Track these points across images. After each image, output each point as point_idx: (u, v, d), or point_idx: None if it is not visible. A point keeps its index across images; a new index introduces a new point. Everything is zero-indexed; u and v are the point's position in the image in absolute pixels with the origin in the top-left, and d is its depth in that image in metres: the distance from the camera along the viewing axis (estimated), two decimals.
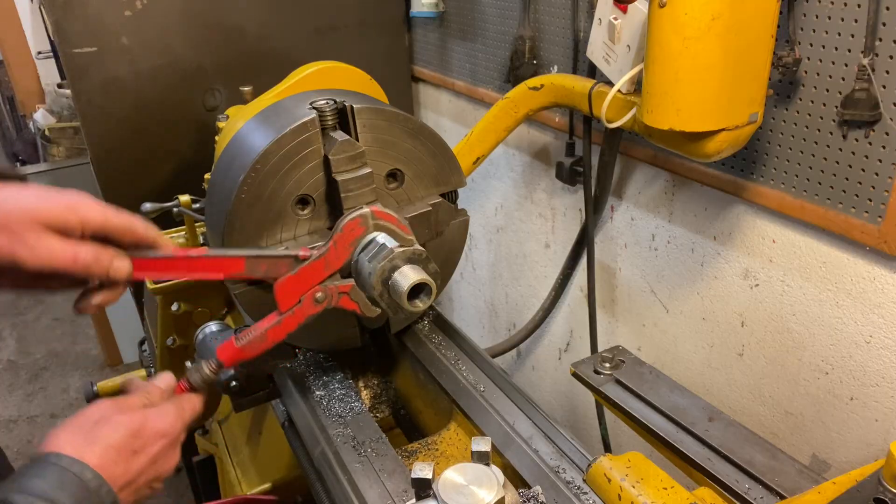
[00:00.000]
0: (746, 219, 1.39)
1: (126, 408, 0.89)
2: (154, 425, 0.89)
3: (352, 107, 1.12)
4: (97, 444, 0.82)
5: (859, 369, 1.24)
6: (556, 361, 2.16)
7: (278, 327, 1.01)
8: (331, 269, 1.01)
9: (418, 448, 1.20)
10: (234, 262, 0.96)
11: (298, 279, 0.99)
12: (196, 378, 1.00)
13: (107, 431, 0.84)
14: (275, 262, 0.98)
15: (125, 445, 0.84)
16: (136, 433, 0.86)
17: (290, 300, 1.00)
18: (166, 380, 0.98)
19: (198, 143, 2.07)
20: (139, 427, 0.87)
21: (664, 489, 0.93)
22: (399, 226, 1.05)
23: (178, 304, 1.76)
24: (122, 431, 0.85)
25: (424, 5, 2.18)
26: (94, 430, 0.84)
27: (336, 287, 1.02)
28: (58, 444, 0.81)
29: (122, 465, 0.83)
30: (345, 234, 1.01)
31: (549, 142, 1.93)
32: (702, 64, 1.08)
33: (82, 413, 0.86)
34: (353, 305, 1.04)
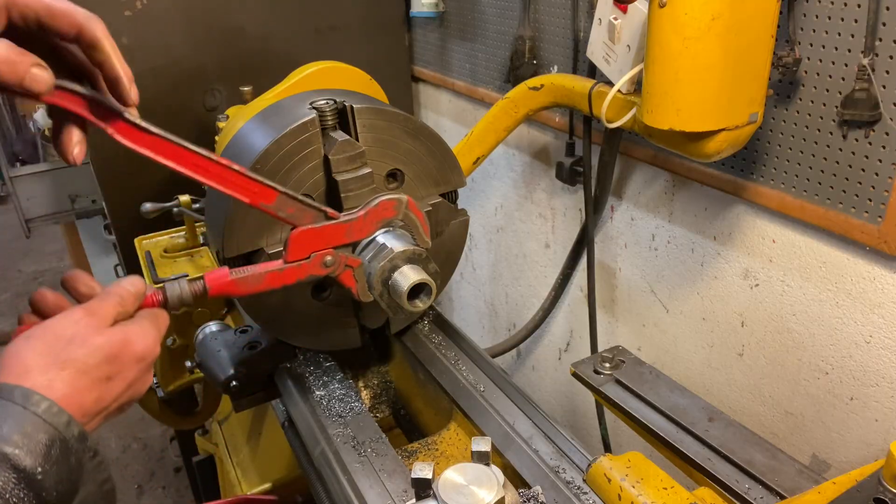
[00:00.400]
0: (746, 219, 1.39)
1: (101, 322, 0.78)
2: (135, 349, 0.79)
3: (352, 107, 1.12)
4: (68, 367, 0.73)
5: (859, 369, 1.24)
6: (556, 361, 2.16)
7: (278, 274, 0.97)
8: (351, 238, 1.00)
9: (418, 448, 1.20)
10: (268, 192, 0.92)
11: (318, 234, 0.97)
12: (174, 294, 0.90)
13: (80, 355, 0.74)
14: (303, 210, 0.96)
15: (100, 372, 0.75)
16: (113, 358, 0.76)
17: (302, 252, 0.97)
18: (136, 283, 0.85)
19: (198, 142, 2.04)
20: (118, 352, 0.77)
21: (664, 489, 0.93)
22: (423, 224, 1.05)
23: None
24: (99, 357, 0.75)
25: (424, 5, 2.18)
26: (67, 351, 0.74)
27: (346, 257, 1.01)
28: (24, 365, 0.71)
29: (94, 391, 0.74)
30: (377, 210, 1.01)
31: (549, 142, 1.93)
32: (702, 64, 1.08)
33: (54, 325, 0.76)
34: (351, 282, 1.02)
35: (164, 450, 3.32)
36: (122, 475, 3.21)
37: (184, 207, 1.73)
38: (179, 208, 1.73)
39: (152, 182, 2.06)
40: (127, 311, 0.82)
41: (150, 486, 3.15)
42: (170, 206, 1.73)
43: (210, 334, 1.36)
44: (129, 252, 1.97)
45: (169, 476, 3.19)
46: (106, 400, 0.76)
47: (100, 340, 0.76)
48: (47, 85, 0.74)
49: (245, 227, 1.10)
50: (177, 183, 2.00)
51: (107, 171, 2.02)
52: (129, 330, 0.80)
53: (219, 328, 1.39)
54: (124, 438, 3.42)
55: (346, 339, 1.29)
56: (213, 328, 1.40)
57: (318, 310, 1.22)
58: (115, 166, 2.02)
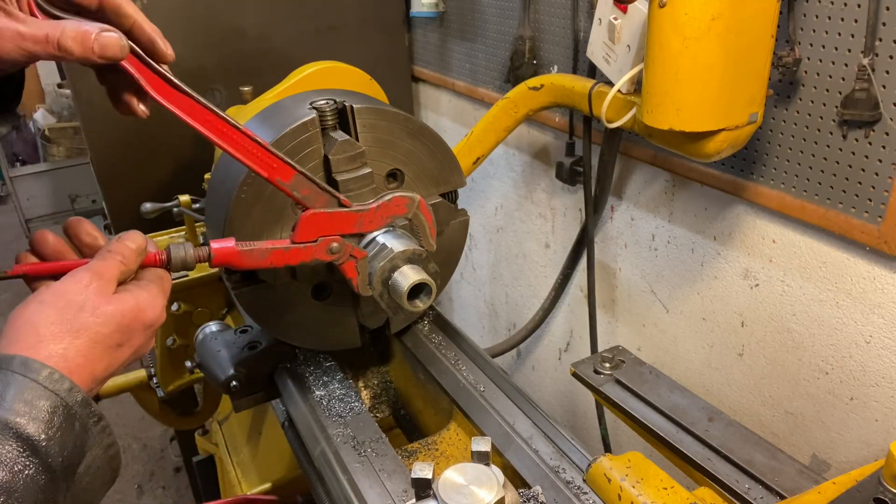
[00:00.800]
0: (746, 219, 1.39)
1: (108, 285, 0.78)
2: (146, 316, 0.80)
3: (352, 107, 1.12)
4: (81, 336, 0.73)
5: (859, 369, 1.24)
6: (556, 361, 2.16)
7: (283, 253, 0.97)
8: (360, 228, 1.01)
9: (418, 448, 1.20)
10: (286, 170, 0.93)
11: (328, 218, 0.98)
12: (178, 255, 0.90)
13: (93, 324, 0.75)
14: (318, 193, 0.96)
15: (112, 340, 0.76)
16: (125, 327, 0.77)
17: (310, 234, 0.98)
18: (137, 240, 0.85)
19: (198, 143, 2.07)
20: (130, 321, 0.78)
21: (664, 489, 0.93)
22: (431, 227, 1.05)
23: (178, 304, 1.76)
24: (112, 326, 0.76)
25: (424, 5, 2.18)
26: (79, 318, 0.74)
27: (352, 247, 1.01)
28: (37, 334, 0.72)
29: (105, 360, 0.76)
30: (390, 205, 1.01)
31: (549, 142, 1.93)
32: (702, 64, 1.08)
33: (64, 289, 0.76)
34: (353, 274, 1.03)
35: (164, 450, 3.32)
36: (122, 475, 3.20)
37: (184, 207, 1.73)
38: (179, 208, 1.73)
39: (152, 182, 2.07)
40: (130, 269, 0.82)
41: (150, 486, 3.15)
42: (170, 206, 1.73)
43: (210, 334, 1.36)
44: None
45: (169, 476, 3.19)
46: (114, 366, 0.78)
47: (111, 309, 0.76)
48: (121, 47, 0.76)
49: (245, 228, 1.10)
50: (177, 183, 2.00)
51: (107, 171, 2.02)
52: (139, 297, 0.80)
53: (219, 328, 1.40)
54: (124, 438, 3.42)
55: (346, 339, 1.29)
56: (213, 328, 1.40)
57: (318, 310, 1.22)
58: (115, 166, 2.02)
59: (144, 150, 2.04)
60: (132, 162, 2.04)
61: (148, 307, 0.80)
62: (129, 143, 2.00)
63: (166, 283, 0.86)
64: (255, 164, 0.92)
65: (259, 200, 1.10)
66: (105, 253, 0.82)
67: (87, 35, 0.74)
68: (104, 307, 0.76)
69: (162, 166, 2.07)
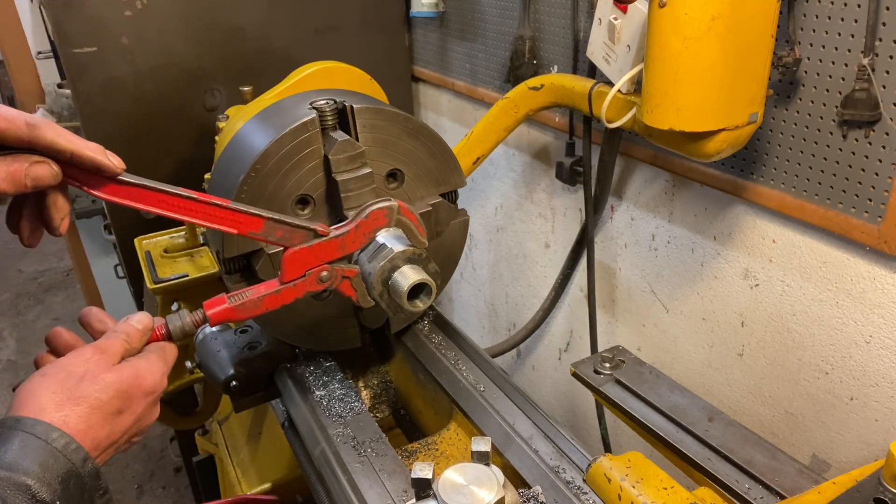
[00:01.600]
0: (746, 219, 1.39)
1: (110, 359, 0.82)
2: (143, 383, 0.83)
3: (352, 107, 1.12)
4: (82, 403, 0.76)
5: (859, 369, 1.24)
6: (556, 361, 2.16)
7: (276, 296, 0.98)
8: (344, 251, 1.00)
9: (418, 448, 1.20)
10: (254, 221, 0.93)
11: (310, 252, 0.98)
12: (176, 326, 0.94)
13: (93, 391, 0.78)
14: (292, 231, 0.96)
15: (111, 406, 0.78)
16: (124, 393, 0.80)
17: (296, 272, 0.98)
18: (143, 321, 0.90)
19: (198, 143, 2.07)
20: (128, 387, 0.81)
21: (664, 489, 0.93)
22: (417, 226, 1.04)
23: (178, 304, 1.76)
24: (110, 392, 0.78)
25: (424, 5, 2.17)
26: (80, 387, 0.77)
27: (342, 270, 1.01)
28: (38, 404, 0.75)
29: (107, 427, 0.78)
30: (368, 221, 1.00)
31: (549, 142, 1.93)
32: (702, 64, 1.08)
33: (66, 363, 0.80)
34: (350, 292, 1.03)
35: (164, 450, 3.32)
36: (122, 475, 3.21)
37: None
38: None
39: None
40: (134, 347, 0.87)
41: (150, 486, 3.15)
42: None
43: (210, 334, 1.36)
44: (129, 252, 1.97)
45: (169, 476, 3.19)
46: (116, 433, 0.80)
47: (110, 377, 0.80)
48: (54, 175, 0.79)
49: None
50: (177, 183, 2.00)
51: None
52: (138, 365, 0.84)
53: (219, 328, 1.39)
54: None
55: (346, 339, 1.29)
56: (213, 328, 1.40)
57: (318, 310, 1.22)
58: None
59: (144, 150, 2.04)
60: (132, 162, 2.00)
61: (147, 374, 0.84)
62: (129, 143, 2.00)
63: (168, 353, 0.90)
64: (222, 225, 0.92)
65: (259, 200, 1.10)
66: (111, 332, 0.87)
67: (18, 173, 0.76)
68: (103, 375, 0.79)
69: (162, 166, 2.07)
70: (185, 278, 1.71)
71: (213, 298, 0.96)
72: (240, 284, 1.16)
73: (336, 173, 1.09)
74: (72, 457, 0.72)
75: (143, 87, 1.98)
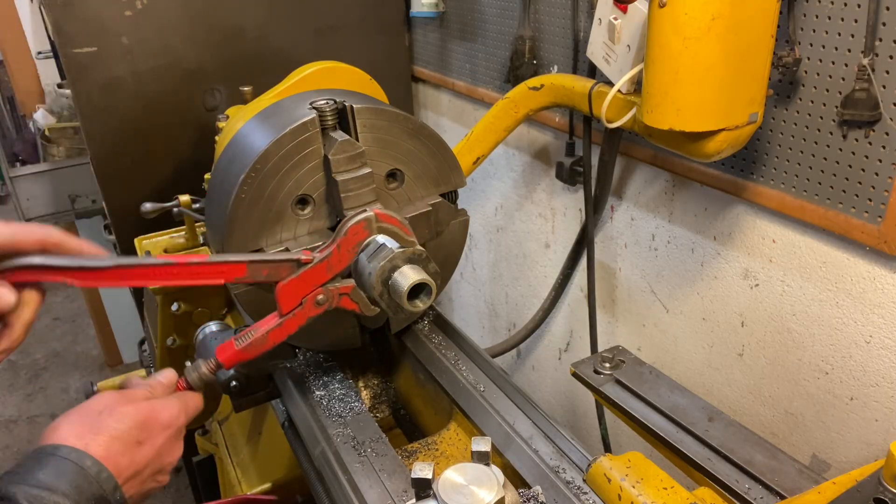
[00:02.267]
0: (746, 219, 1.39)
1: (130, 399, 0.88)
2: (159, 416, 0.88)
3: (352, 107, 1.12)
4: (101, 434, 0.81)
5: (859, 369, 1.24)
6: (556, 361, 2.16)
7: (279, 329, 1.01)
8: (333, 272, 1.00)
9: (418, 448, 1.20)
10: (236, 267, 0.96)
11: (301, 282, 0.99)
12: (194, 377, 1.01)
13: (111, 422, 0.83)
14: (276, 266, 0.98)
15: (130, 436, 0.84)
16: (141, 424, 0.85)
17: (292, 302, 1.00)
18: (168, 375, 0.98)
19: (198, 143, 2.07)
20: (145, 418, 0.86)
21: (664, 489, 0.93)
22: (402, 228, 1.04)
23: (178, 304, 1.76)
24: (128, 422, 0.84)
25: (424, 5, 2.17)
26: (99, 420, 0.83)
27: (337, 289, 1.02)
28: (60, 436, 0.80)
29: (127, 455, 0.83)
30: (348, 238, 1.01)
31: (549, 142, 1.93)
32: (702, 64, 1.08)
33: (86, 404, 0.85)
34: (353, 306, 1.04)
35: None
36: None
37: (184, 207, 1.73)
38: (179, 208, 1.73)
39: (152, 182, 2.06)
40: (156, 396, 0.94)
41: None
42: (170, 206, 1.73)
43: (210, 334, 1.36)
44: (129, 252, 1.97)
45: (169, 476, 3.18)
46: (138, 463, 0.84)
47: (127, 409, 0.86)
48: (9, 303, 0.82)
49: (245, 227, 1.10)
50: (177, 183, 2.00)
51: (107, 171, 2.02)
52: (154, 401, 0.90)
53: (219, 328, 1.39)
54: None
55: (346, 339, 1.29)
56: (213, 328, 1.40)
57: None
58: (115, 166, 2.02)
59: (144, 150, 2.04)
60: (132, 162, 2.04)
61: (162, 409, 0.90)
62: (129, 143, 2.00)
63: (188, 399, 0.97)
64: (207, 279, 0.94)
65: (259, 200, 1.10)
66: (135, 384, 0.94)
67: None
68: (120, 408, 0.85)
69: (162, 166, 2.07)
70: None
71: (223, 344, 1.01)
72: (240, 284, 1.16)
73: (336, 173, 1.09)
74: (104, 484, 0.78)
75: (143, 87, 1.98)
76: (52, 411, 3.54)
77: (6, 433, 3.43)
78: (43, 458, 0.77)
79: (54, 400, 3.63)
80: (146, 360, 2.21)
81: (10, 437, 3.42)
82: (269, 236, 1.13)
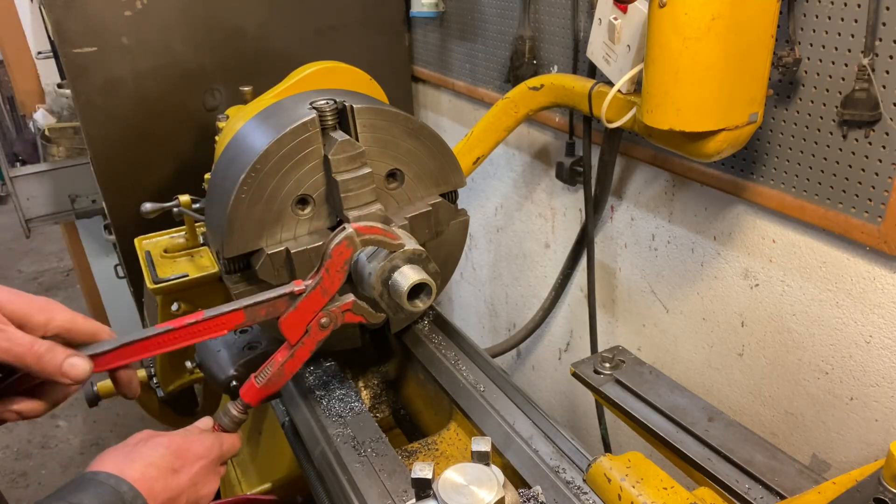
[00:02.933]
0: (746, 219, 1.39)
1: (165, 433, 0.93)
2: (193, 447, 0.93)
3: (352, 107, 1.12)
4: (137, 461, 0.86)
5: (859, 369, 1.24)
6: (556, 361, 2.16)
7: (293, 361, 1.03)
8: (329, 295, 1.01)
9: (418, 448, 1.20)
10: (234, 316, 0.97)
11: (300, 312, 1.00)
12: (226, 421, 1.05)
13: (146, 451, 0.88)
14: (273, 304, 0.99)
15: (165, 464, 0.88)
16: (176, 453, 0.90)
17: (298, 332, 1.01)
18: (205, 422, 1.04)
19: (198, 143, 2.07)
20: (178, 447, 0.91)
21: (664, 489, 0.93)
22: (386, 235, 1.02)
23: (178, 304, 1.76)
24: (162, 451, 0.89)
25: (424, 5, 2.17)
26: (135, 450, 0.88)
27: (339, 308, 1.03)
28: (100, 464, 0.85)
29: (161, 481, 0.86)
30: (335, 260, 1.00)
31: (549, 142, 1.93)
32: (702, 64, 1.08)
33: (127, 440, 0.92)
34: (358, 318, 1.05)
35: None
36: None
37: (184, 207, 1.73)
38: (179, 208, 1.73)
39: (152, 182, 2.06)
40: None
41: None
42: (170, 206, 1.73)
43: None
44: (129, 252, 1.97)
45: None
46: (173, 489, 0.88)
47: (161, 439, 0.91)
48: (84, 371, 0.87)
49: (245, 227, 1.10)
50: (177, 183, 2.00)
51: (107, 171, 2.02)
52: (187, 434, 0.95)
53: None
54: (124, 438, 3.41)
55: (346, 339, 1.29)
56: None
57: None
58: (115, 166, 2.02)
59: (144, 150, 2.04)
60: (132, 162, 2.04)
61: (195, 441, 0.94)
62: (129, 143, 2.00)
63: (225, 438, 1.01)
64: (210, 334, 0.97)
65: (259, 200, 1.10)
66: None
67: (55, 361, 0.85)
68: (155, 439, 0.91)
69: (162, 166, 2.07)
70: (185, 278, 1.71)
71: (246, 385, 1.05)
72: (239, 284, 1.16)
73: (336, 173, 1.09)
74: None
75: (143, 87, 1.98)
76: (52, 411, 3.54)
77: (6, 433, 3.43)
78: (82, 483, 0.81)
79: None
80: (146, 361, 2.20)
81: (10, 437, 3.42)
82: (269, 236, 1.13)
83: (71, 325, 0.87)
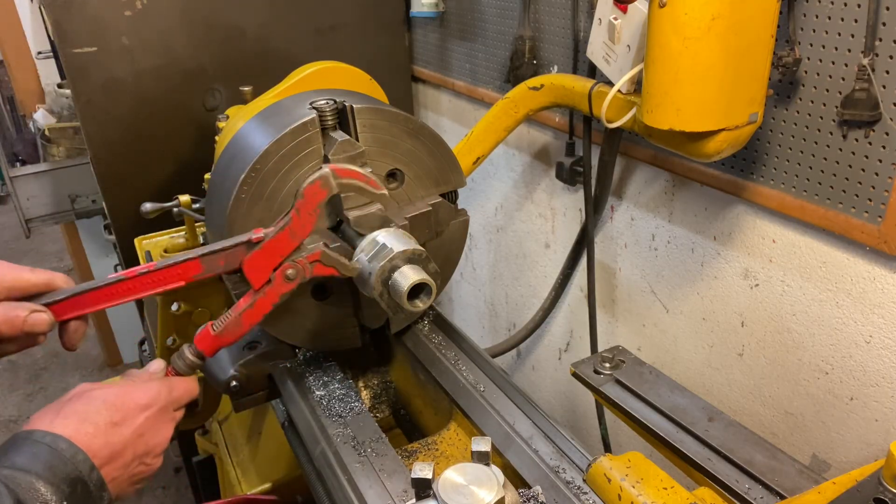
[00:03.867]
0: (746, 219, 1.39)
1: (102, 385, 0.88)
2: (135, 397, 0.88)
3: (352, 107, 1.12)
4: (70, 417, 0.82)
5: (859, 369, 1.24)
6: (556, 361, 2.16)
7: (252, 311, 0.99)
8: (298, 239, 0.98)
9: (418, 448, 1.20)
10: (190, 265, 0.95)
11: (266, 254, 0.97)
12: (180, 364, 1.01)
13: (81, 406, 0.84)
14: (231, 253, 0.96)
15: (103, 419, 0.83)
16: (114, 405, 0.85)
17: (262, 277, 0.98)
18: (156, 365, 1.01)
19: (198, 143, 2.07)
20: (117, 399, 0.86)
21: (664, 489, 0.93)
22: (365, 181, 0.99)
23: (178, 304, 1.76)
24: (97, 404, 0.84)
25: (424, 5, 2.17)
26: (67, 405, 0.84)
27: (305, 259, 0.99)
28: (34, 423, 0.81)
29: (101, 437, 0.82)
30: (307, 200, 0.97)
31: (549, 142, 1.93)
32: (702, 64, 1.08)
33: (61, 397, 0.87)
34: (329, 270, 1.01)
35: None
36: None
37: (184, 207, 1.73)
38: (179, 208, 1.73)
39: (152, 182, 2.07)
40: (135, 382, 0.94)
41: (149, 486, 3.15)
42: (170, 206, 1.73)
43: None
44: (129, 252, 1.97)
45: (169, 476, 3.19)
46: (116, 444, 0.84)
47: (96, 392, 0.86)
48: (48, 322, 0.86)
49: (245, 227, 1.10)
50: (177, 183, 2.00)
51: (107, 171, 2.02)
52: (127, 385, 0.90)
53: None
54: None
55: (346, 339, 1.29)
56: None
57: (318, 310, 1.22)
58: (115, 166, 2.02)
59: (144, 150, 2.04)
60: (132, 162, 2.04)
61: (137, 390, 0.90)
62: (129, 143, 2.00)
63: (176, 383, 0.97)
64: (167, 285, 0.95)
65: (259, 200, 1.10)
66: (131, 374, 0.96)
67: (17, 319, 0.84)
68: (91, 392, 0.86)
69: (162, 166, 2.07)
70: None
71: (201, 332, 1.01)
72: (240, 284, 1.16)
73: None
74: (79, 465, 0.77)
75: (143, 87, 1.98)
76: None
77: (6, 433, 3.43)
78: (17, 442, 0.78)
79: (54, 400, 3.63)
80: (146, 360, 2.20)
81: None
82: None
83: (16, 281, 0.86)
